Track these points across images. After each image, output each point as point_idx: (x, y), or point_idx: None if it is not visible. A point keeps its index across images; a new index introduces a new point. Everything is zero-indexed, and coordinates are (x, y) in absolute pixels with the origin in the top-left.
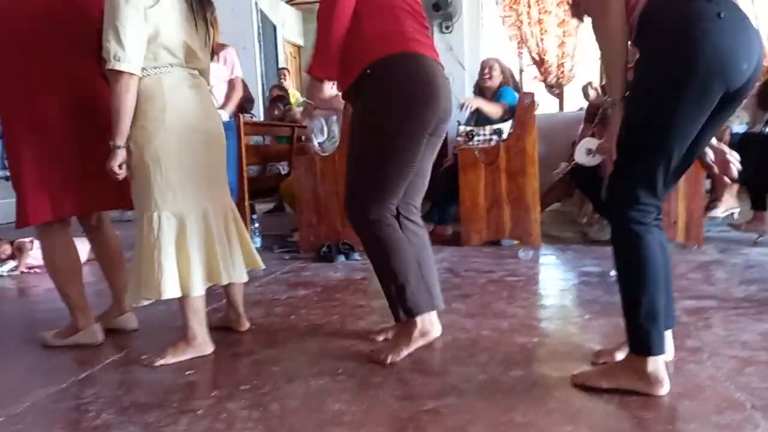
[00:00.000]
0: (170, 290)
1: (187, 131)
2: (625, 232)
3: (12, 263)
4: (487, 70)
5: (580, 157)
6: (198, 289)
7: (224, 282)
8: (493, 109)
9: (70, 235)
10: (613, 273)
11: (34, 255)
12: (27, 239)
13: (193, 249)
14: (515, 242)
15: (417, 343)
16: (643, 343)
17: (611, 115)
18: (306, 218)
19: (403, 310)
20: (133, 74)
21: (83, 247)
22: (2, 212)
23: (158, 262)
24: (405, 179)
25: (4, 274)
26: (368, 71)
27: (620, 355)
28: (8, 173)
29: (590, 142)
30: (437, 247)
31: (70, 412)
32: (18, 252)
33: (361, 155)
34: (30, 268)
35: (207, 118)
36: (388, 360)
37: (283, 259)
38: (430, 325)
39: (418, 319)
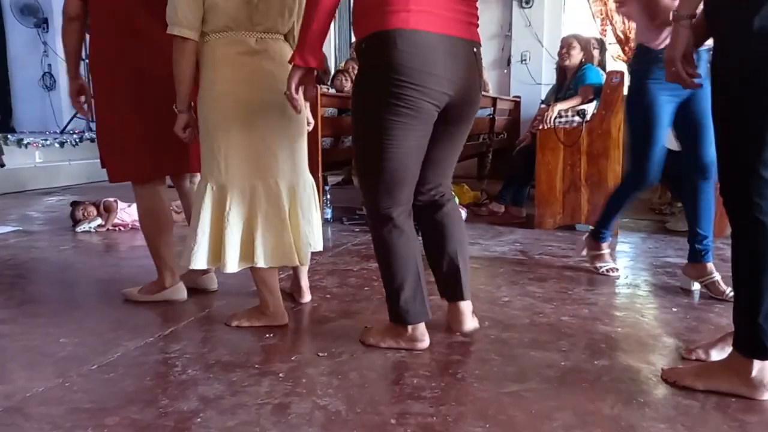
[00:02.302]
0: (199, 261)
1: (236, 104)
2: (751, 223)
3: (99, 220)
4: (565, 49)
5: (670, 142)
6: (231, 265)
7: (261, 264)
8: (572, 104)
9: (166, 194)
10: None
11: (119, 214)
12: (112, 199)
13: (232, 224)
14: (591, 228)
15: (400, 346)
16: (756, 345)
17: (674, 29)
18: None
19: (390, 313)
20: (186, 38)
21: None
22: (86, 172)
23: (195, 232)
24: (403, 173)
25: (92, 230)
26: (362, 46)
27: (716, 354)
28: (95, 135)
29: None
30: (509, 228)
31: (158, 365)
32: (105, 211)
33: (354, 146)
34: (115, 226)
35: (263, 90)
36: (369, 341)
37: (353, 231)
38: (420, 335)
39: (410, 327)
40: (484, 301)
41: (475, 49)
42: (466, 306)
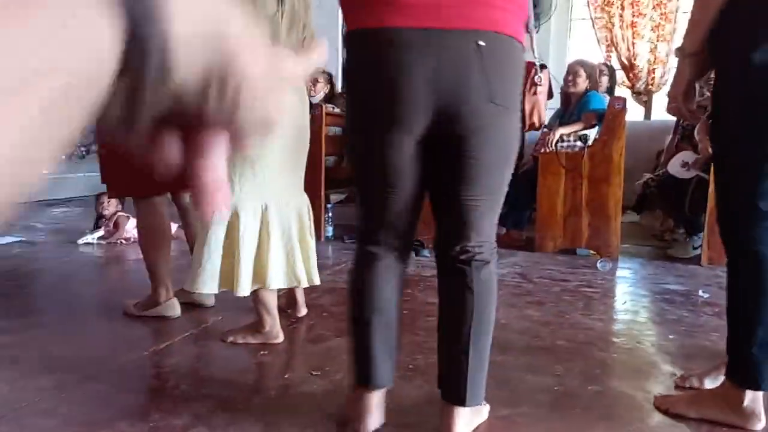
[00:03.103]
0: (208, 285)
1: None
2: (746, 253)
3: (100, 232)
4: (571, 76)
5: (674, 168)
6: (245, 288)
7: (274, 286)
8: (575, 129)
9: (166, 210)
10: (702, 294)
11: (128, 229)
12: (125, 214)
13: (247, 246)
14: (591, 252)
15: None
16: (749, 375)
17: (679, 66)
18: None
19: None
20: None
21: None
22: (91, 184)
23: (202, 254)
24: (380, 200)
25: (93, 241)
26: None
27: (710, 382)
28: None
29: (687, 155)
30: (509, 251)
31: (152, 379)
32: (114, 227)
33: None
34: (118, 240)
35: None
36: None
37: (354, 250)
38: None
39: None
40: None
41: (477, 42)
42: (459, 414)
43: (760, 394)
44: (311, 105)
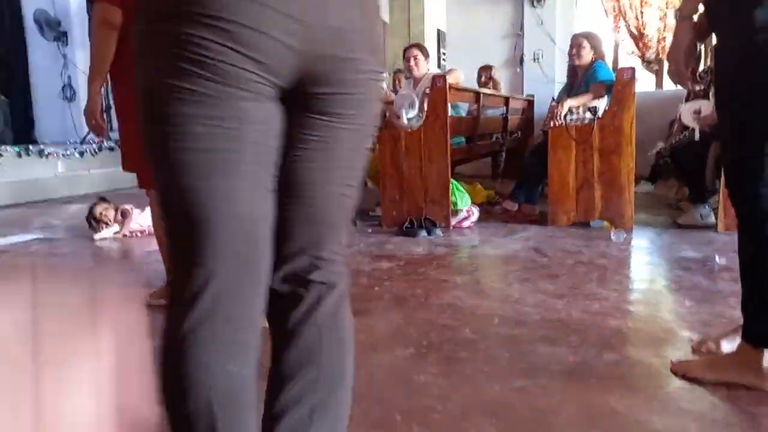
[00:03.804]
0: None
1: None
2: (753, 211)
3: (116, 227)
4: (575, 49)
5: (685, 115)
6: None
7: None
8: (582, 101)
9: None
10: (719, 259)
11: (136, 220)
12: (128, 206)
13: None
14: (605, 224)
15: None
16: (766, 334)
17: (676, 28)
18: (389, 194)
19: None
20: None
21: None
22: (106, 180)
23: None
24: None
25: (109, 237)
26: None
27: (727, 346)
28: (116, 143)
29: (703, 104)
30: (522, 226)
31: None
32: (122, 217)
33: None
34: (132, 232)
35: None
36: None
37: (366, 233)
38: None
39: None
40: (495, 299)
41: None
42: None
43: None
44: None
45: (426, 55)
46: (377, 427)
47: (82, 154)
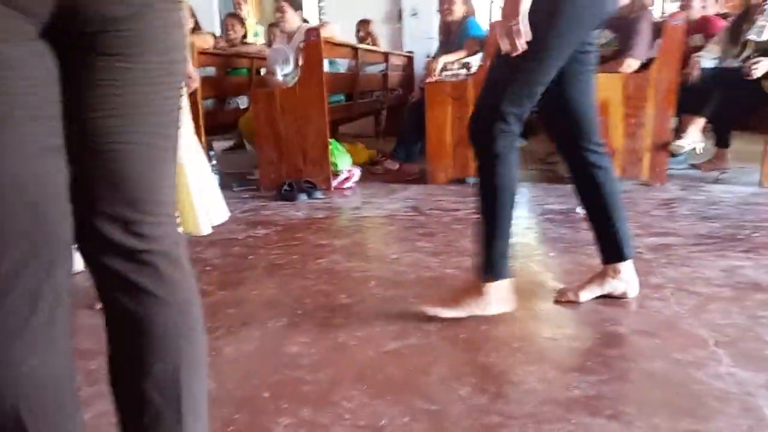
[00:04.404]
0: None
1: None
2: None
3: None
4: (446, 5)
5: None
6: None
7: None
8: (457, 56)
9: None
10: (579, 210)
11: None
12: None
13: None
14: None
15: None
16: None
17: None
18: (266, 155)
19: None
20: None
21: None
22: None
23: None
24: None
25: None
26: None
27: (585, 294)
28: None
29: None
30: (402, 186)
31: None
32: None
33: None
34: None
35: None
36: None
37: (243, 198)
38: None
39: None
40: (373, 260)
41: None
42: None
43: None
44: None
45: (296, 7)
46: (243, 406)
47: None
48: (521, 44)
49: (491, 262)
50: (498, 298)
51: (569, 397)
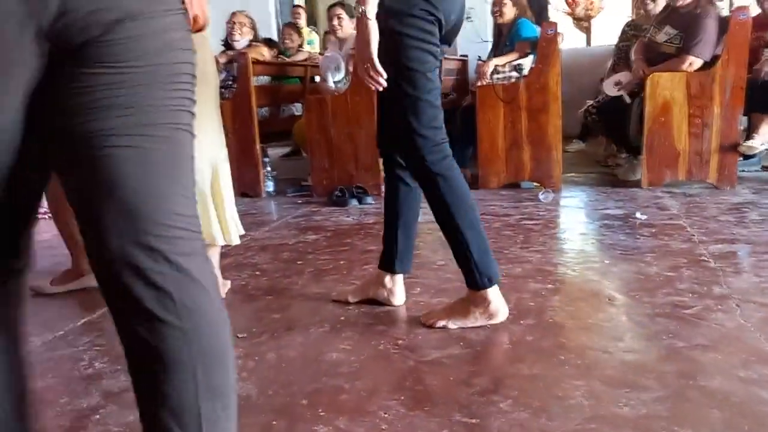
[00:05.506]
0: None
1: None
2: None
3: None
4: (497, 7)
5: (608, 87)
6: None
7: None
8: (508, 59)
9: None
10: (639, 215)
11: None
12: None
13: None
14: (535, 184)
15: None
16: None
17: (362, 27)
18: (318, 162)
19: None
20: None
21: None
22: None
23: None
24: None
25: None
26: None
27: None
28: None
29: (623, 76)
30: None
31: (64, 360)
32: None
33: None
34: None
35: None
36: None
37: (296, 204)
38: None
39: None
40: (419, 266)
41: None
42: None
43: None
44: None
45: (351, 14)
46: (281, 413)
47: None
48: (381, 81)
49: (481, 268)
50: (501, 302)
51: (617, 415)
